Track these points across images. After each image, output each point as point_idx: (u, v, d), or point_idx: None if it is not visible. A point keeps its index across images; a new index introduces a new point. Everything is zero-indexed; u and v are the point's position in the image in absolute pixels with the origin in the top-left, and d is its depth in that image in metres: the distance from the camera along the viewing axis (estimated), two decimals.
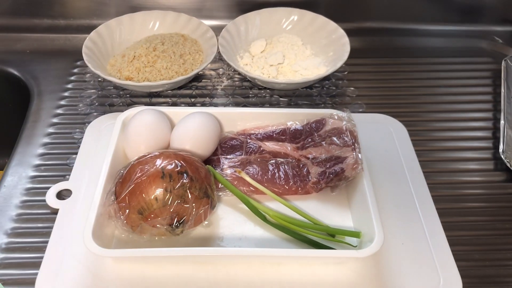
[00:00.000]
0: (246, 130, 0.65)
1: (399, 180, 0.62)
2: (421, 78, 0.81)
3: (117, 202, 0.51)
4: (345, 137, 0.60)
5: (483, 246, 0.57)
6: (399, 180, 0.62)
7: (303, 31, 0.82)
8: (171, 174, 0.51)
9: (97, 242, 0.49)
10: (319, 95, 0.76)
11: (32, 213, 0.58)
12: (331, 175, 0.57)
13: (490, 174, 0.66)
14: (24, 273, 0.53)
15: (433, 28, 0.89)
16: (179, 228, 0.51)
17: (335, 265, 0.53)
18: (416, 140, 0.68)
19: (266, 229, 0.56)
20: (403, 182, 0.62)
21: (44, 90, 0.75)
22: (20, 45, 0.83)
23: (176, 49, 0.75)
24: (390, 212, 0.58)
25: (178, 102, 0.74)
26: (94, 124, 0.68)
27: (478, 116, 0.74)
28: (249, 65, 0.78)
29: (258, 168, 0.59)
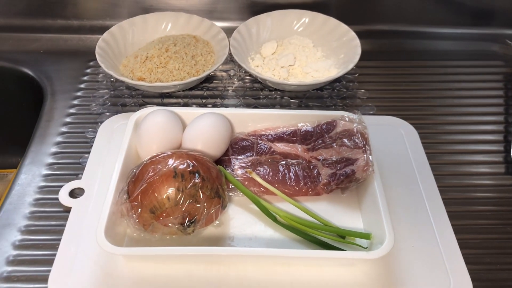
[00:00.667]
0: (257, 131, 0.65)
1: (409, 183, 0.62)
2: (432, 81, 0.80)
3: (130, 201, 0.52)
4: (356, 139, 0.60)
5: (494, 250, 0.57)
6: (409, 182, 0.62)
7: (314, 33, 0.83)
8: (183, 173, 0.51)
9: (109, 240, 0.49)
10: (330, 97, 0.76)
11: (45, 211, 0.59)
12: (341, 177, 0.57)
13: (501, 177, 0.65)
14: (37, 269, 0.53)
15: (444, 31, 0.89)
16: (190, 227, 0.52)
17: (345, 267, 0.53)
18: (427, 143, 0.68)
19: (276, 230, 0.56)
20: (413, 184, 0.62)
21: (58, 90, 0.76)
22: (34, 45, 0.85)
23: (188, 50, 0.76)
24: (400, 214, 0.58)
25: (189, 103, 0.74)
26: (107, 124, 0.69)
27: (489, 119, 0.74)
28: (260, 66, 0.78)
29: (269, 169, 0.59)
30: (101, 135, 0.67)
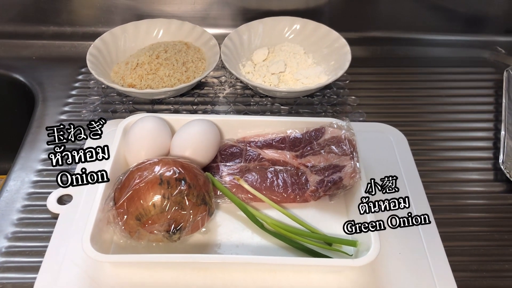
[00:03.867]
0: (246, 137, 0.65)
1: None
2: (422, 88, 0.81)
3: (116, 208, 0.52)
4: (344, 146, 0.60)
5: (481, 257, 0.57)
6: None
7: (305, 40, 0.83)
8: (169, 180, 0.51)
9: (95, 247, 0.49)
10: (320, 103, 0.76)
11: (33, 218, 0.59)
12: (329, 184, 0.57)
13: (490, 184, 0.65)
14: (23, 277, 0.53)
15: (435, 37, 0.90)
16: (176, 234, 0.52)
17: (331, 273, 0.53)
18: (416, 150, 0.68)
19: (264, 237, 0.56)
20: (401, 191, 0.61)
21: (49, 96, 0.77)
22: (27, 52, 0.85)
23: (179, 57, 0.76)
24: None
25: (180, 109, 0.75)
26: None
27: (479, 126, 0.74)
28: (251, 73, 0.78)
29: (257, 176, 0.59)
30: (90, 141, 0.67)
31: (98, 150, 0.51)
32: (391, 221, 0.50)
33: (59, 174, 0.51)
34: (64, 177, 0.51)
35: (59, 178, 0.51)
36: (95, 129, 0.52)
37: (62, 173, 0.50)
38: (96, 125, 0.52)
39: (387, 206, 0.51)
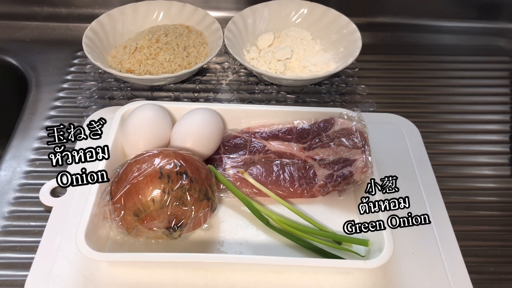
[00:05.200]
0: (250, 128, 0.62)
1: (410, 185, 0.59)
2: (435, 77, 0.77)
3: (112, 202, 0.48)
4: (355, 138, 0.57)
5: (499, 258, 0.54)
6: (410, 184, 0.59)
7: (313, 25, 0.79)
8: (170, 174, 0.48)
9: (90, 245, 0.46)
10: (328, 92, 0.73)
11: (25, 211, 0.56)
12: (339, 178, 0.54)
13: (506, 180, 0.62)
14: (13, 274, 0.50)
15: (448, 24, 0.86)
16: (176, 231, 0.48)
17: (340, 275, 0.50)
18: (429, 143, 0.65)
19: (269, 234, 0.53)
20: (414, 187, 0.59)
21: (43, 81, 0.73)
22: (20, 34, 0.81)
23: (180, 41, 0.72)
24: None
25: (180, 97, 0.71)
26: (93, 118, 0.65)
27: (494, 118, 0.71)
28: (255, 59, 0.75)
29: (262, 169, 0.56)
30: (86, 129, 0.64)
31: (98, 150, 0.49)
32: (391, 221, 0.49)
33: (59, 174, 0.48)
34: (64, 177, 0.48)
35: (59, 178, 0.48)
36: (95, 129, 0.51)
37: (62, 173, 0.48)
38: (96, 125, 0.51)
39: (387, 206, 0.49)
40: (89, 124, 0.51)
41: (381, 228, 0.48)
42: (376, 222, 0.48)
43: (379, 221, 0.48)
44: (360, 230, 0.49)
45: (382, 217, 0.49)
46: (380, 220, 0.48)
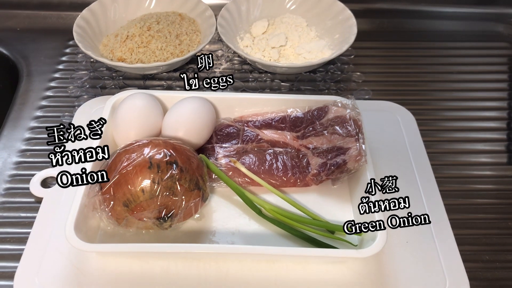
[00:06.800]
0: (243, 117, 0.61)
1: (405, 173, 0.58)
2: (432, 64, 0.76)
3: (102, 193, 0.48)
4: (349, 126, 0.56)
5: (493, 246, 0.53)
6: (405, 173, 0.58)
7: (308, 12, 0.78)
8: (159, 164, 0.47)
9: (80, 236, 0.46)
10: (323, 80, 0.72)
11: (15, 202, 0.55)
12: (332, 167, 0.53)
13: (503, 168, 0.62)
14: (3, 265, 0.50)
15: (446, 10, 0.84)
16: (167, 222, 0.48)
17: (333, 264, 0.50)
18: (425, 130, 0.64)
19: (262, 224, 0.53)
20: (409, 175, 0.58)
21: (34, 70, 0.72)
22: (10, 23, 0.80)
23: (172, 28, 0.71)
24: None
25: (173, 86, 0.70)
26: (84, 108, 0.65)
27: (491, 105, 0.70)
28: (249, 47, 0.74)
29: (255, 158, 0.56)
30: (77, 119, 0.63)
31: (98, 150, 0.49)
32: (391, 221, 0.48)
33: (59, 174, 0.47)
34: (64, 177, 0.47)
35: (59, 178, 0.47)
36: (95, 129, 0.50)
37: (62, 173, 0.47)
38: (96, 125, 0.50)
39: (387, 206, 0.49)
40: (89, 124, 0.50)
41: (381, 228, 0.47)
42: (376, 222, 0.47)
43: (379, 221, 0.47)
44: (360, 230, 0.48)
45: (382, 217, 0.48)
46: (380, 220, 0.48)
